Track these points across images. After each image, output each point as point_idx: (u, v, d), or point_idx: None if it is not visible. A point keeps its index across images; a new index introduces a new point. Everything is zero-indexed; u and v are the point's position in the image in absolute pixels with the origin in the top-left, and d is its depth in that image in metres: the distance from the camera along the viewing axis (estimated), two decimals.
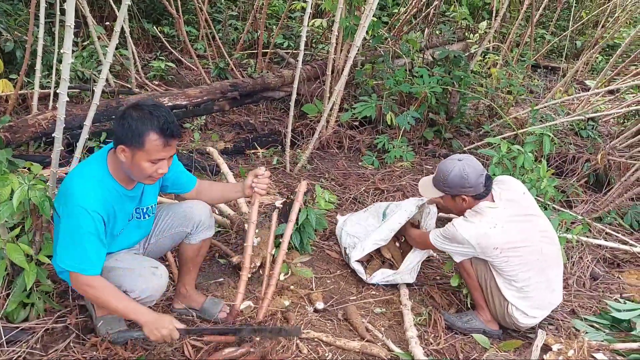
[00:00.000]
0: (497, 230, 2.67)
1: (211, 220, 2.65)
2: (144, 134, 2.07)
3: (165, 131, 2.09)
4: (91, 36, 5.05)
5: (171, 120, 2.11)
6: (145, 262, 2.36)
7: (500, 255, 2.69)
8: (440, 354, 2.76)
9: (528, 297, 2.78)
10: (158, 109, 2.12)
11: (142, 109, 2.10)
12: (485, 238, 2.66)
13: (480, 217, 2.71)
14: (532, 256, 2.74)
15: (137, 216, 2.42)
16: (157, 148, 2.10)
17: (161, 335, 2.17)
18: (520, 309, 2.79)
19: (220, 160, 4.31)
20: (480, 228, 2.68)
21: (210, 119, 5.65)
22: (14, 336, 2.37)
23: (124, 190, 2.26)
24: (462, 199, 2.77)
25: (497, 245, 2.67)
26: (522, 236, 2.73)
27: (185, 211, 2.57)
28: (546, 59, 10.05)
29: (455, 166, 2.73)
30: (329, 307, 3.01)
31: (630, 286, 3.64)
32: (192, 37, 7.56)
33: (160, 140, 2.09)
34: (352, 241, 3.42)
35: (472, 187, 2.71)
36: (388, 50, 6.18)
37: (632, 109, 5.84)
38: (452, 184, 2.73)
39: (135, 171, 2.16)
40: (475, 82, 6.07)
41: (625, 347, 2.78)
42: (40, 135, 3.85)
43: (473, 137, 5.88)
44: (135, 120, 2.07)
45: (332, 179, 4.72)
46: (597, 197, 4.75)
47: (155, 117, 2.08)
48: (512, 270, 2.72)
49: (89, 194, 2.10)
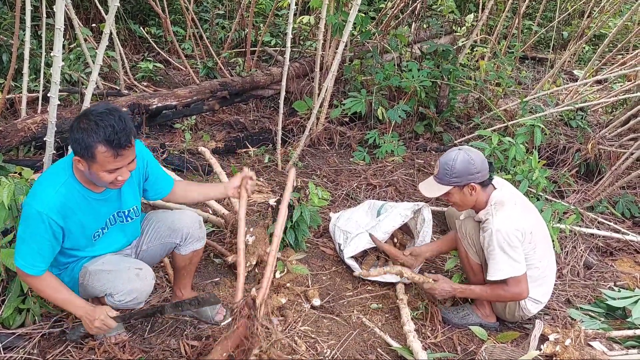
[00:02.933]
0: (525, 215, 2.69)
1: (200, 231, 2.60)
2: (92, 147, 1.99)
3: (112, 142, 2.00)
4: (78, 38, 5.01)
5: (120, 129, 2.01)
6: (129, 264, 2.34)
7: (532, 239, 2.67)
8: (439, 347, 2.77)
9: (544, 283, 2.81)
10: (105, 118, 2.01)
11: (89, 119, 2.01)
12: (523, 222, 2.64)
13: (506, 206, 2.66)
14: (546, 240, 2.80)
15: (119, 219, 2.40)
16: (108, 160, 2.03)
17: (95, 327, 2.22)
18: (533, 298, 2.80)
19: (212, 160, 4.30)
20: (516, 216, 2.63)
21: (201, 119, 5.63)
22: (10, 342, 2.35)
23: (92, 194, 2.23)
24: (471, 188, 2.68)
25: (531, 229, 2.66)
26: (537, 220, 2.76)
27: (173, 222, 2.53)
28: (534, 50, 10.08)
29: (458, 154, 2.67)
30: (325, 303, 3.01)
31: (624, 274, 3.67)
32: (180, 37, 7.51)
33: (109, 152, 2.01)
34: (345, 237, 3.42)
35: (480, 172, 2.65)
36: (376, 46, 6.18)
37: (620, 97, 5.87)
38: (460, 172, 2.65)
39: (96, 180, 2.13)
40: (464, 75, 6.08)
41: (621, 334, 2.80)
42: (30, 139, 3.81)
43: (463, 130, 5.89)
44: (82, 133, 1.99)
45: (324, 176, 4.72)
46: (589, 187, 4.78)
47: (101, 127, 1.98)
48: (534, 256, 2.71)
49: (46, 198, 2.09)
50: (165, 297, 2.84)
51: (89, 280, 2.27)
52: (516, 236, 2.61)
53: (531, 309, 2.85)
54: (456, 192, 2.72)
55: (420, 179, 4.78)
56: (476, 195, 2.71)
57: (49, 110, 2.44)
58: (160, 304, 2.63)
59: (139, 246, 2.57)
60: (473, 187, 2.68)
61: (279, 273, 3.11)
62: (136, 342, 2.48)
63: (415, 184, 4.71)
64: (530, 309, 2.85)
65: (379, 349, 2.68)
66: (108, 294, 2.25)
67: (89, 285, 2.28)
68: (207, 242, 3.25)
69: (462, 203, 2.78)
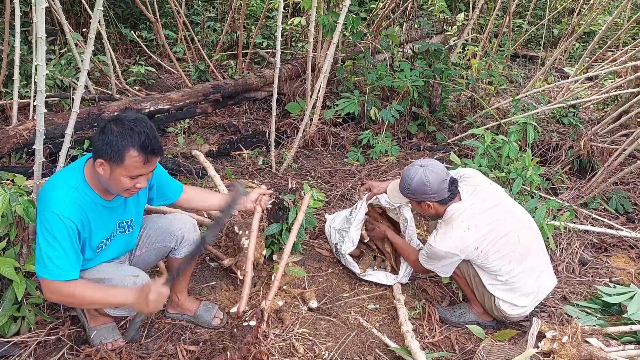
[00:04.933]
0: (471, 231, 2.67)
1: (196, 234, 2.58)
2: (124, 151, 2.01)
3: (146, 148, 2.04)
4: (68, 43, 4.98)
5: (153, 137, 2.06)
6: (126, 271, 2.31)
7: (481, 253, 2.69)
8: (437, 347, 2.77)
9: (514, 288, 2.78)
10: (140, 124, 2.05)
11: (123, 123, 2.04)
12: (462, 243, 2.67)
13: (452, 224, 2.71)
14: (510, 247, 2.72)
15: (120, 230, 2.38)
16: (136, 165, 2.05)
17: (154, 302, 2.11)
18: (507, 301, 2.79)
19: (206, 163, 4.28)
20: (455, 236, 2.68)
21: (194, 122, 5.61)
22: (6, 351, 2.33)
23: (102, 201, 2.21)
24: (427, 205, 2.76)
25: (476, 245, 2.68)
26: (496, 228, 2.70)
27: (167, 226, 2.52)
28: (525, 49, 10.13)
29: (417, 173, 2.70)
30: (322, 305, 3.00)
31: (619, 270, 3.69)
32: (171, 40, 7.50)
33: (140, 157, 2.04)
34: (340, 236, 3.42)
35: (435, 194, 2.70)
36: (368, 46, 6.19)
37: (611, 94, 5.90)
38: (415, 191, 2.72)
39: (113, 185, 2.12)
40: (456, 74, 6.09)
41: (618, 330, 2.81)
42: (22, 145, 3.78)
43: (457, 129, 5.91)
44: (116, 136, 2.01)
45: (319, 177, 4.72)
46: (582, 184, 4.81)
47: (136, 133, 2.02)
48: (493, 265, 2.72)
49: (62, 201, 2.06)
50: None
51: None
52: (444, 255, 2.71)
53: (508, 310, 2.80)
54: (414, 203, 2.86)
55: None
56: (433, 210, 2.79)
57: (37, 119, 2.40)
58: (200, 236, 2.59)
59: (133, 252, 2.56)
60: (429, 205, 2.77)
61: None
62: (133, 347, 2.46)
63: None
64: (507, 311, 2.80)
65: (377, 350, 2.68)
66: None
67: None
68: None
69: (421, 212, 2.92)
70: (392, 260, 3.42)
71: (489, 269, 2.75)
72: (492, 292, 2.79)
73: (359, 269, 3.28)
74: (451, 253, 2.68)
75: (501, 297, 2.79)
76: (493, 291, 2.79)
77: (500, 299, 2.79)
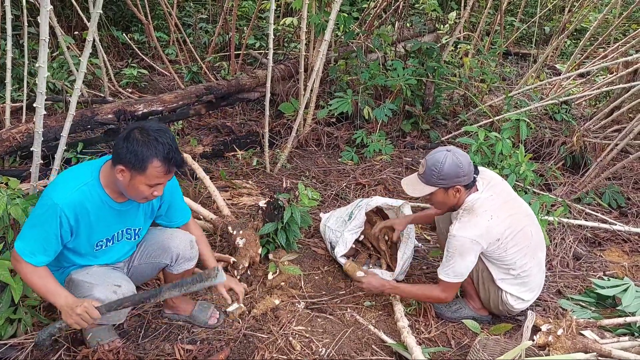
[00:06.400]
0: (494, 221, 2.63)
1: (192, 252, 2.56)
2: (148, 160, 2.05)
3: (170, 160, 2.09)
4: (60, 47, 4.97)
5: (175, 148, 2.10)
6: (110, 279, 2.28)
7: (501, 245, 2.66)
8: (433, 342, 2.79)
9: (524, 282, 2.79)
10: (164, 135, 2.09)
11: (148, 133, 2.06)
12: (487, 231, 2.61)
13: (474, 213, 2.64)
14: (525, 241, 2.73)
15: (127, 236, 2.38)
16: (158, 175, 2.09)
17: (77, 315, 2.06)
18: (515, 295, 2.80)
19: (195, 165, 4.26)
20: (480, 224, 2.62)
21: (187, 124, 5.61)
22: (2, 353, 2.33)
23: (111, 201, 2.22)
24: (456, 190, 2.65)
25: (499, 236, 2.64)
26: (513, 222, 2.70)
27: (164, 242, 2.50)
28: (516, 46, 10.17)
29: (447, 156, 2.61)
30: (319, 302, 3.01)
31: (613, 263, 3.71)
32: (163, 42, 7.49)
33: (163, 168, 2.08)
34: (335, 236, 3.43)
35: (466, 175, 2.63)
36: (360, 46, 6.21)
37: (603, 90, 5.94)
38: (447, 175, 2.59)
39: (131, 191, 2.14)
40: (448, 72, 6.12)
41: (612, 322, 2.83)
42: (16, 149, 3.78)
43: (450, 127, 5.93)
44: (141, 145, 2.04)
45: (313, 177, 4.73)
46: (575, 179, 4.84)
47: (160, 144, 2.05)
48: (510, 258, 2.70)
49: (65, 193, 2.09)
50: (157, 302, 2.82)
51: (71, 288, 2.25)
52: (470, 247, 2.62)
53: (514, 304, 2.83)
54: (440, 193, 2.68)
55: None
56: (460, 196, 2.69)
57: (35, 120, 2.41)
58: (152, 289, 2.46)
59: (132, 261, 2.54)
60: (458, 190, 2.66)
61: (271, 274, 3.11)
62: (130, 348, 2.46)
63: None
64: (513, 305, 2.83)
65: (373, 346, 2.69)
66: None
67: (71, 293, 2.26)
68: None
69: (443, 204, 2.76)
70: (388, 258, 3.43)
71: (503, 262, 2.72)
72: (501, 287, 2.79)
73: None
74: (476, 242, 2.60)
75: (510, 291, 2.79)
76: (503, 285, 2.78)
77: (509, 293, 2.79)
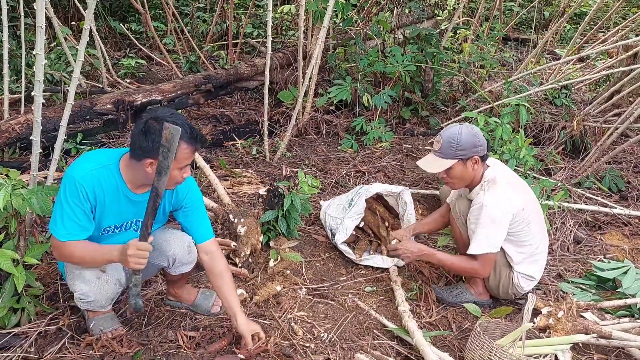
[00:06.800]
0: (515, 194, 2.71)
1: (190, 256, 2.52)
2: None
3: (195, 138, 2.13)
4: (58, 37, 4.95)
5: (193, 127, 2.15)
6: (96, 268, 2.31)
7: (525, 216, 2.71)
8: (434, 326, 2.80)
9: (537, 260, 2.85)
10: (179, 117, 2.10)
11: (165, 119, 2.04)
12: (515, 200, 2.68)
13: (497, 184, 2.69)
14: (539, 217, 2.82)
15: (135, 228, 2.38)
16: (187, 156, 2.13)
17: (135, 257, 2.09)
18: (527, 275, 2.84)
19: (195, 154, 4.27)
20: (507, 193, 2.68)
21: (186, 114, 5.61)
22: (7, 342, 2.34)
23: (127, 191, 2.22)
24: (474, 161, 2.70)
25: (523, 206, 2.70)
26: (530, 197, 2.79)
27: (162, 245, 2.47)
28: (516, 31, 10.14)
29: (462, 128, 2.69)
30: (320, 288, 3.02)
31: (613, 247, 3.72)
32: (160, 32, 7.46)
33: (190, 148, 2.12)
34: (335, 223, 3.44)
35: (482, 146, 2.70)
36: (359, 33, 6.18)
37: (603, 74, 5.93)
38: (465, 144, 2.66)
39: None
40: (448, 58, 6.10)
41: (612, 304, 2.84)
42: (15, 140, 3.77)
43: (450, 113, 5.92)
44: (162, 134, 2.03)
45: (313, 165, 4.73)
46: (575, 163, 4.83)
47: (180, 126, 2.02)
48: (529, 233, 2.75)
49: (85, 170, 2.11)
50: (160, 290, 2.84)
51: (66, 273, 2.31)
52: (503, 214, 2.65)
53: (524, 286, 2.88)
54: (459, 166, 2.71)
55: (409, 164, 4.81)
56: (477, 168, 2.73)
57: (34, 109, 2.41)
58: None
59: None
60: (476, 161, 2.71)
61: (272, 261, 3.12)
62: (133, 335, 2.47)
63: (403, 169, 4.73)
64: (523, 286, 2.87)
65: (374, 331, 2.70)
66: (76, 299, 2.30)
67: (69, 285, 2.32)
68: None
69: (461, 178, 2.77)
70: (388, 244, 3.44)
71: (521, 237, 2.75)
72: (515, 268, 2.82)
73: (354, 255, 3.30)
74: (507, 210, 2.64)
75: (524, 271, 2.83)
76: (518, 267, 2.82)
77: (522, 273, 2.83)
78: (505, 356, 2.25)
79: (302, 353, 2.47)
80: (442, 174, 2.77)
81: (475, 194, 2.77)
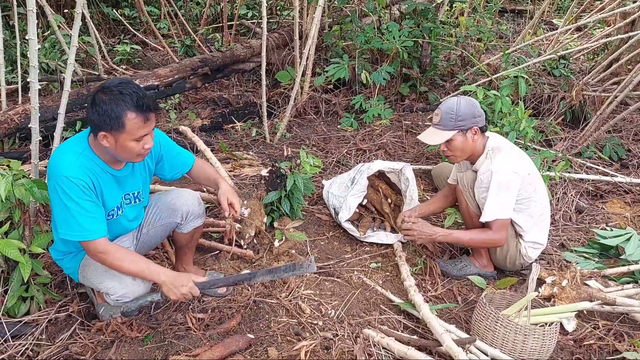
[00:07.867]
0: (520, 160, 2.77)
1: (200, 208, 2.61)
2: (122, 116, 2.01)
3: (142, 107, 2.04)
4: (51, 26, 4.92)
5: (143, 95, 2.07)
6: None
7: (532, 180, 2.77)
8: (440, 299, 2.82)
9: (543, 227, 2.92)
10: (127, 87, 2.04)
11: (111, 90, 2.03)
12: (521, 164, 2.74)
13: (501, 151, 2.74)
14: (542, 183, 2.88)
15: (126, 202, 2.38)
16: (138, 126, 2.06)
17: (181, 293, 2.17)
18: (534, 242, 2.89)
19: (195, 137, 4.27)
20: (513, 158, 2.74)
21: (184, 98, 5.58)
22: (18, 330, 2.36)
23: (109, 169, 2.21)
24: (474, 132, 2.73)
25: (529, 170, 2.76)
26: (532, 164, 2.85)
27: (173, 202, 2.53)
28: (512, 3, 10.05)
29: (460, 99, 2.73)
30: (326, 266, 3.04)
31: (615, 215, 3.74)
32: (154, 16, 7.40)
33: (139, 117, 2.05)
34: (338, 201, 3.45)
35: (481, 116, 2.74)
36: (355, 10, 6.12)
37: (601, 42, 5.89)
38: (465, 115, 2.69)
39: (122, 153, 2.12)
40: (445, 32, 6.05)
41: (616, 271, 2.87)
42: (14, 130, 3.78)
43: (448, 88, 5.89)
44: (109, 104, 2.01)
45: (313, 145, 4.72)
46: (575, 133, 4.83)
47: (127, 95, 2.01)
48: (537, 197, 2.81)
49: (70, 163, 2.07)
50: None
51: (90, 275, 2.29)
52: (513, 178, 2.68)
53: (532, 255, 2.91)
54: (459, 136, 2.73)
55: (409, 140, 4.80)
56: (477, 139, 2.77)
57: (31, 95, 2.40)
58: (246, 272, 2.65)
59: (139, 230, 2.57)
60: (476, 131, 2.74)
61: (277, 242, 3.14)
62: (142, 319, 2.50)
63: (404, 146, 4.73)
64: (531, 255, 2.91)
65: (381, 306, 2.73)
66: (105, 293, 2.30)
67: (89, 279, 2.31)
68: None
69: (462, 149, 2.78)
70: (392, 221, 3.46)
71: (530, 202, 2.80)
72: (524, 237, 2.86)
73: (358, 233, 3.32)
74: (516, 173, 2.68)
75: (532, 238, 2.87)
76: (526, 231, 2.85)
77: (530, 241, 2.87)
78: (512, 326, 2.27)
79: (311, 330, 2.49)
80: (443, 146, 2.79)
81: (481, 164, 2.80)
